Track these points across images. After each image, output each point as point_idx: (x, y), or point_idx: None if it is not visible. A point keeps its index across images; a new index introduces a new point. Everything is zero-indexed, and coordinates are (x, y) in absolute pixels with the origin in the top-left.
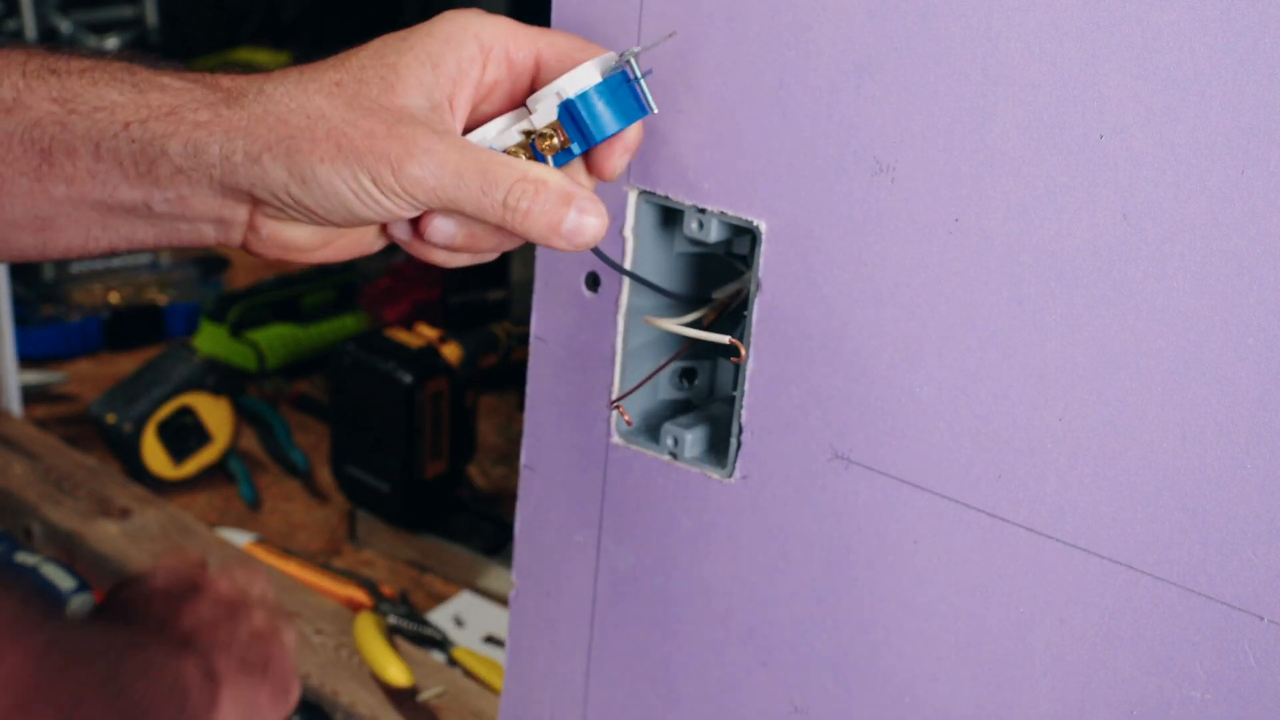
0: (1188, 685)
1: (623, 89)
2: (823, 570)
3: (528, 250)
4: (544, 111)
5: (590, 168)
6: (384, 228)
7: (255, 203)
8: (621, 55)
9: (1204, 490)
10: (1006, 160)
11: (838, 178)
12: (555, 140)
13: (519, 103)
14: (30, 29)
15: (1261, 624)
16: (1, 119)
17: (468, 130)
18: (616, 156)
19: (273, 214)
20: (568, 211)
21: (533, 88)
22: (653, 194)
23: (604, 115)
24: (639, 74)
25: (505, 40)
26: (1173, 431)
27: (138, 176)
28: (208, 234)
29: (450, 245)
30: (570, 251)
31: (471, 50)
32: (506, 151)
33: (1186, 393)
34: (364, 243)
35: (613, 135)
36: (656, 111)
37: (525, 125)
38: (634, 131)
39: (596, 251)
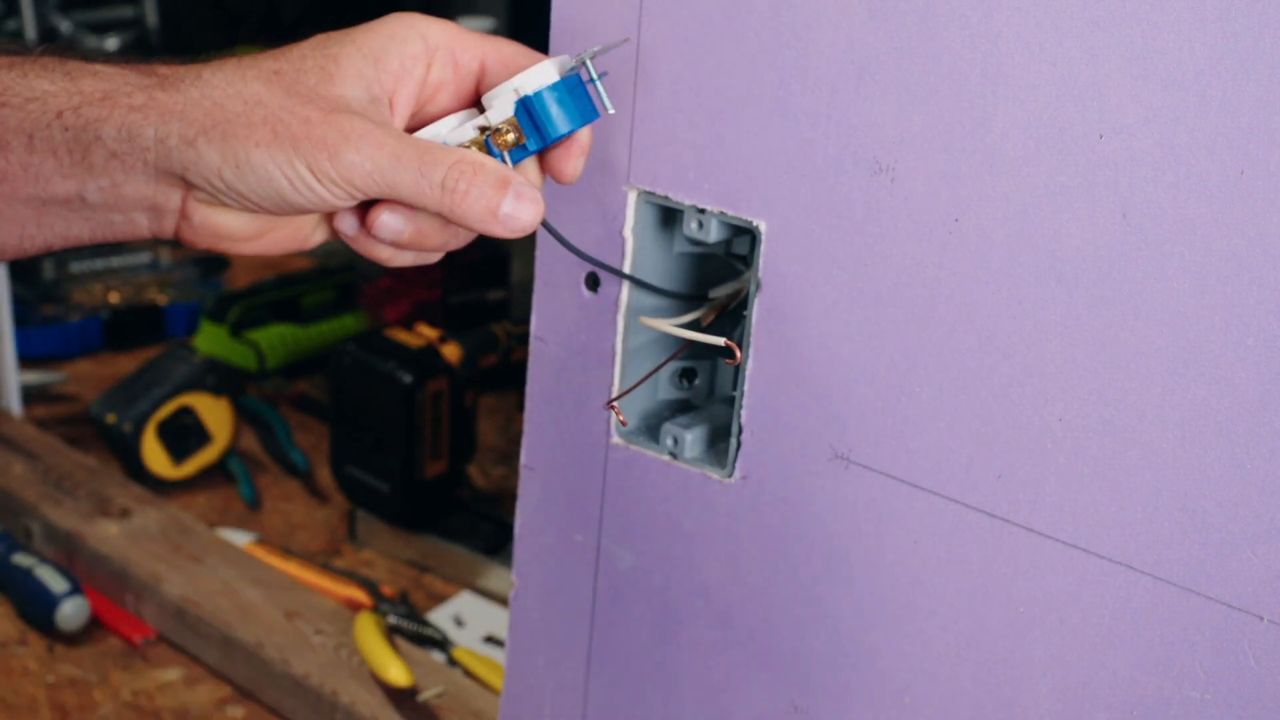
0: (1188, 685)
1: (579, 89)
2: (823, 570)
3: (528, 250)
4: (500, 108)
5: (547, 170)
6: (329, 221)
7: (189, 188)
8: (577, 57)
9: (1204, 490)
10: (1006, 160)
11: (838, 178)
12: (510, 136)
13: (465, 104)
14: (30, 29)
15: (1261, 624)
16: None
17: (415, 129)
18: (574, 158)
19: (205, 199)
20: (505, 196)
21: (478, 92)
22: (653, 194)
23: (560, 114)
24: (595, 75)
25: (451, 42)
26: (1173, 431)
27: (71, 165)
28: (141, 224)
29: (398, 241)
30: (507, 237)
31: (416, 49)
32: (461, 145)
33: (1186, 393)
34: (300, 235)
35: (568, 135)
36: (613, 113)
37: (480, 121)
38: (587, 134)
39: (549, 228)
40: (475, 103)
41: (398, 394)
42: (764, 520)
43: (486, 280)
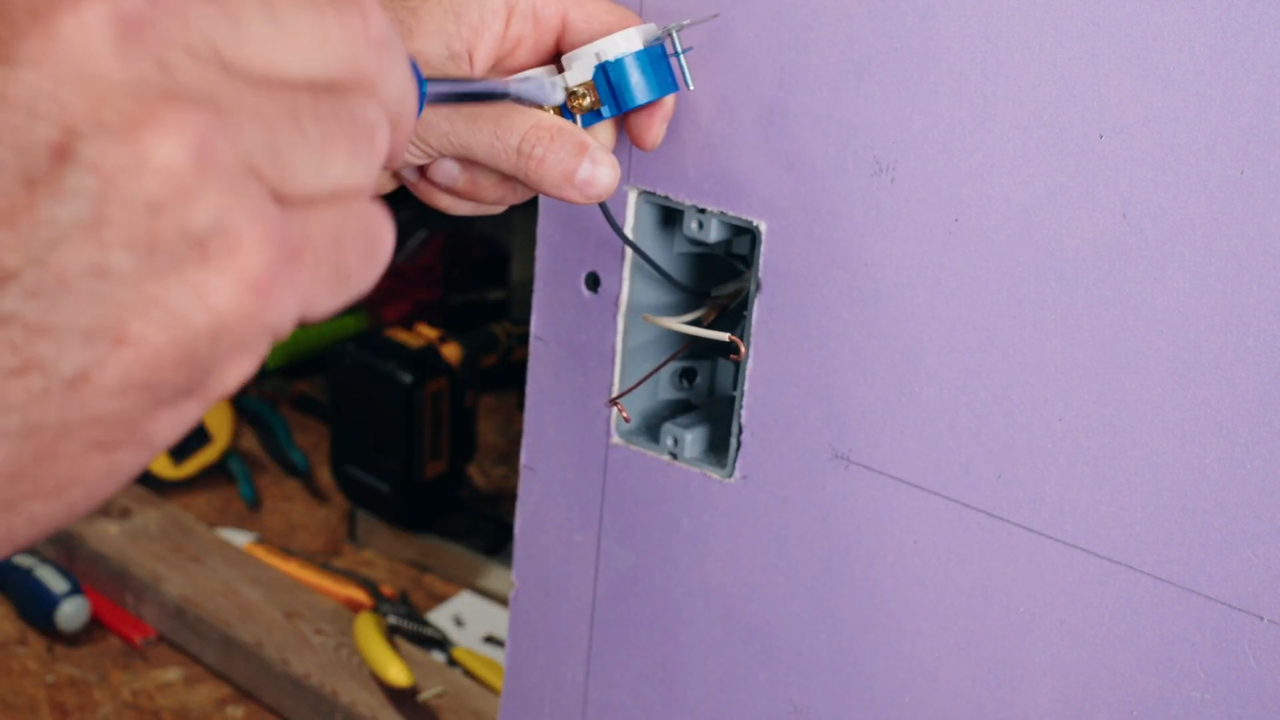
0: (1188, 685)
1: (662, 61)
2: (823, 570)
3: (528, 250)
4: (579, 70)
5: (629, 134)
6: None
7: None
8: (664, 28)
9: (1204, 490)
10: (1006, 160)
11: (838, 178)
12: (587, 100)
13: (544, 60)
14: None
15: (1261, 624)
16: None
17: None
18: (656, 125)
19: None
20: (582, 161)
21: (558, 47)
22: (653, 194)
23: (639, 83)
24: (680, 49)
25: None
26: (1173, 431)
27: None
28: None
29: (453, 188)
30: (583, 203)
31: (496, 2)
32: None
33: (1186, 393)
34: (376, 184)
35: (643, 105)
36: (693, 89)
37: (557, 81)
38: (671, 101)
39: (604, 210)
40: (555, 59)
41: (398, 394)
42: (764, 520)
43: (486, 280)
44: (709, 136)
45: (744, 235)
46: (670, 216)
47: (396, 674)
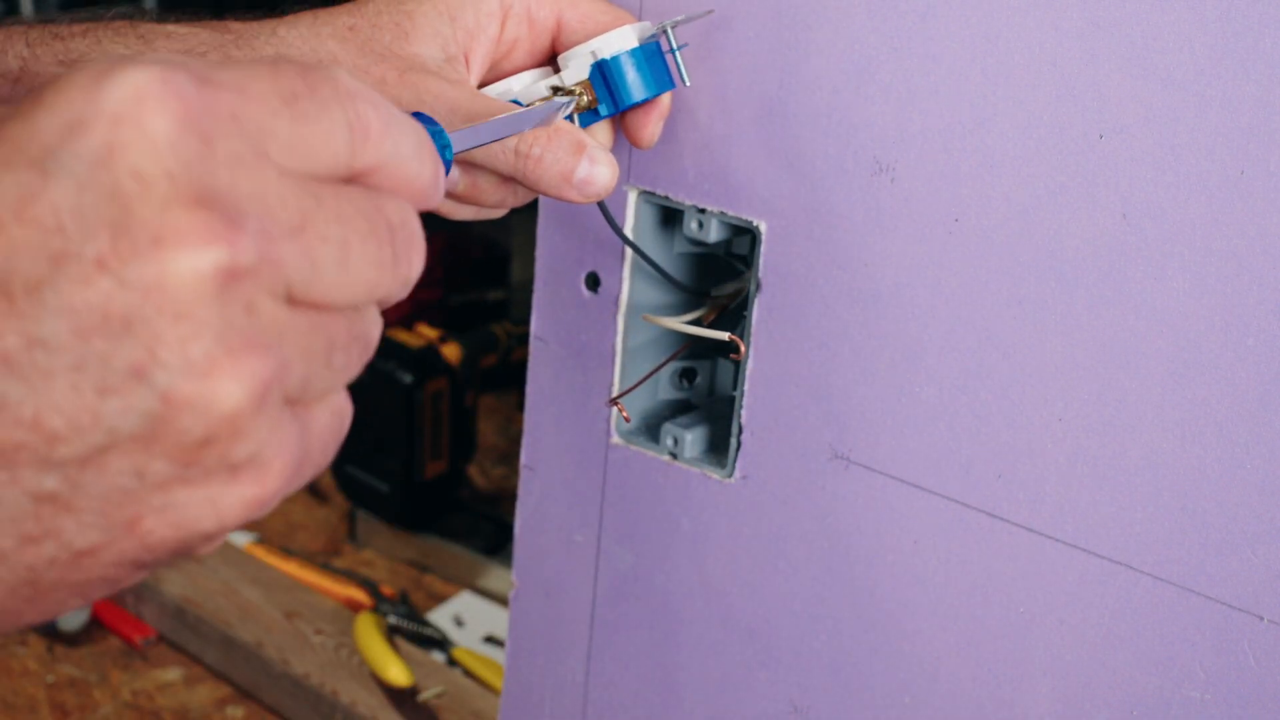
0: (1188, 685)
1: (658, 58)
2: (823, 570)
3: (528, 250)
4: (575, 69)
5: (625, 133)
6: None
7: None
8: (659, 25)
9: (1204, 490)
10: (1006, 160)
11: (838, 178)
12: (584, 99)
13: (540, 62)
14: None
15: (1261, 624)
16: (10, 89)
17: (488, 84)
18: (653, 123)
19: None
20: (580, 160)
21: (554, 48)
22: (653, 194)
23: (635, 81)
24: (675, 45)
25: None
26: (1173, 431)
27: None
28: None
29: (453, 193)
30: (582, 203)
31: (491, 5)
32: (531, 105)
33: (1186, 393)
34: None
35: (640, 103)
36: (689, 85)
37: (554, 81)
38: (667, 99)
39: (604, 210)
40: (551, 60)
41: (398, 394)
42: (764, 520)
43: (486, 280)
44: (709, 136)
45: (744, 235)
46: (670, 216)
47: (396, 674)
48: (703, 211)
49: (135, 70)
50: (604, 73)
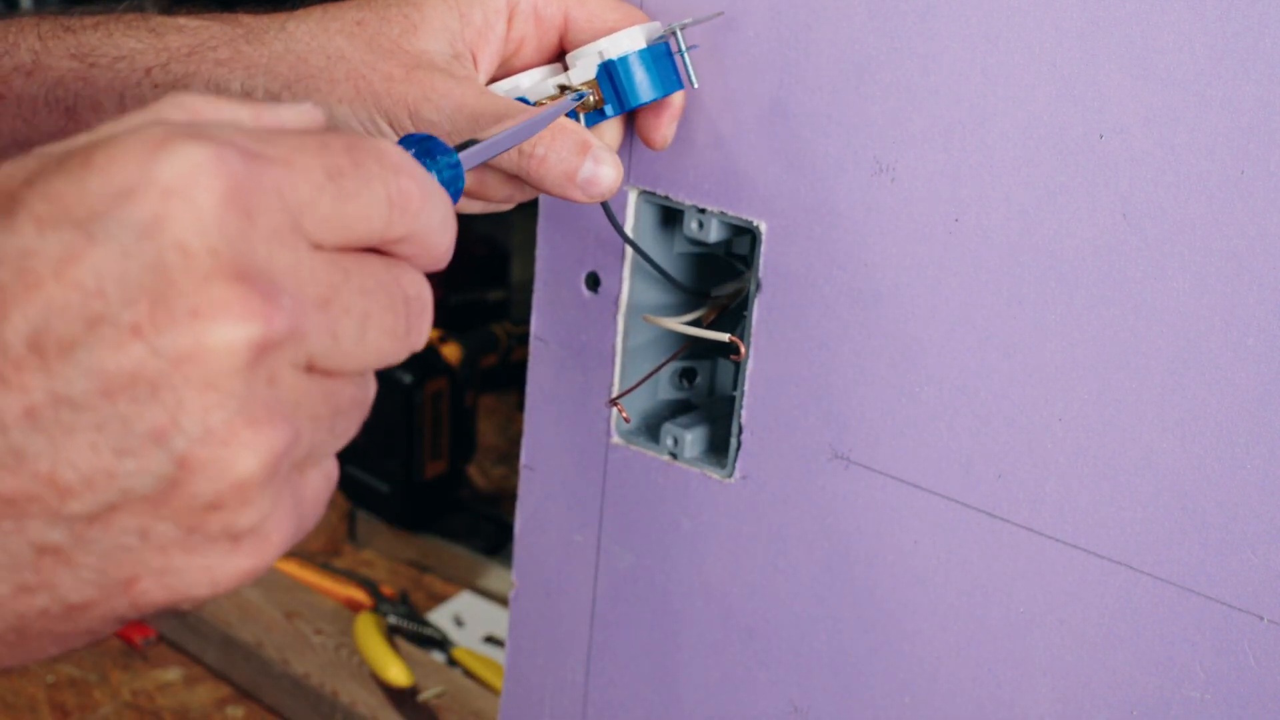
0: (1188, 685)
1: (666, 59)
2: (823, 570)
3: (528, 250)
4: (583, 69)
5: (638, 134)
6: None
7: None
8: (668, 26)
9: (1204, 490)
10: (1006, 160)
11: (838, 178)
12: (590, 99)
13: (547, 59)
14: None
15: (1261, 624)
16: (23, 82)
17: (497, 81)
18: (664, 125)
19: None
20: (584, 160)
21: (561, 46)
22: (653, 194)
23: (642, 82)
24: (684, 47)
25: None
26: (1173, 431)
27: None
28: None
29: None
30: (586, 202)
31: (498, 3)
32: (538, 103)
33: (1186, 393)
34: None
35: (647, 103)
36: (697, 87)
37: (561, 80)
38: (680, 99)
39: (606, 210)
40: (559, 57)
41: (398, 394)
42: (764, 520)
43: (486, 280)
44: (709, 136)
45: (744, 235)
46: (670, 216)
47: (396, 674)
48: (703, 211)
49: (191, 146)
50: (610, 73)
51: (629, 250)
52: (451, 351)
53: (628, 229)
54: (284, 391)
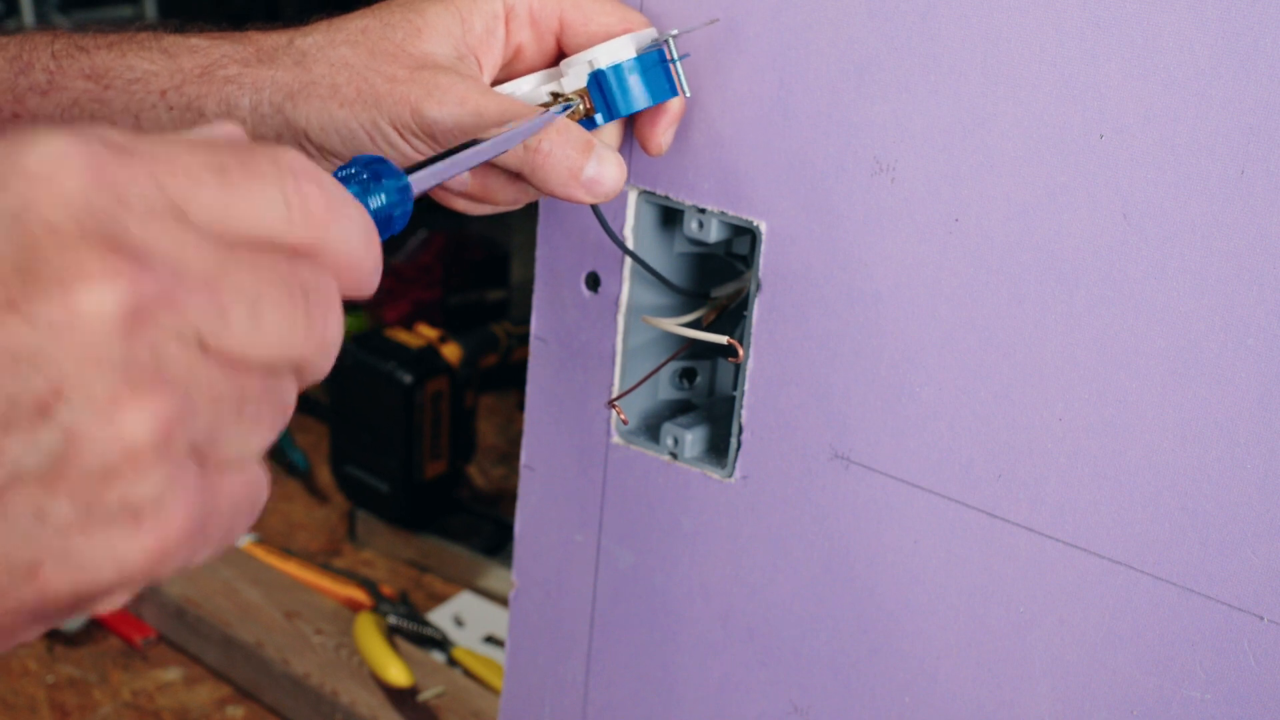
0: (1188, 685)
1: (656, 68)
2: (823, 570)
3: (528, 250)
4: (574, 77)
5: (637, 138)
6: None
7: None
8: (661, 34)
9: (1204, 490)
10: (1006, 160)
11: (838, 178)
12: (580, 106)
13: (550, 61)
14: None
15: (1261, 624)
16: (39, 101)
17: (500, 84)
18: (661, 131)
19: None
20: (589, 158)
21: (558, 48)
22: (653, 194)
23: (632, 91)
24: (675, 56)
25: (529, 1)
26: (1173, 431)
27: None
28: None
29: (465, 192)
30: (590, 203)
31: (495, 7)
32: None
33: (1186, 393)
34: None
35: (638, 111)
36: (689, 96)
37: (554, 86)
38: (678, 104)
39: (599, 216)
40: (559, 59)
41: (398, 394)
42: (764, 520)
43: (486, 280)
44: (709, 136)
45: (744, 235)
46: (670, 216)
47: (396, 674)
48: (703, 211)
49: (57, 137)
50: (600, 82)
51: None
52: (451, 351)
53: (627, 229)
54: (171, 363)
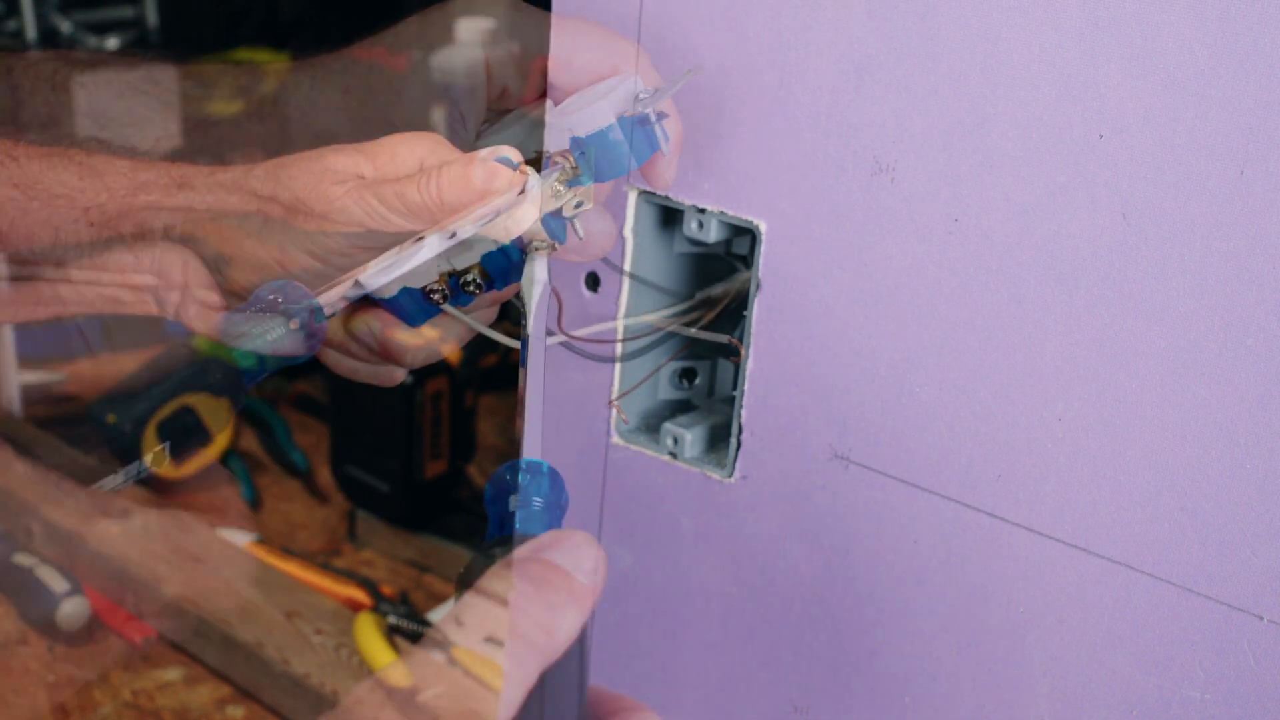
0: (1188, 685)
1: (637, 130)
2: (823, 570)
3: None
4: (556, 140)
5: (646, 179)
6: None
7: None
8: (638, 98)
9: (1204, 490)
10: (1006, 160)
11: (837, 178)
12: (567, 166)
13: (533, 98)
14: (30, 29)
15: (1261, 624)
16: None
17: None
18: (660, 174)
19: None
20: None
21: (547, 85)
22: (653, 194)
23: (614, 156)
24: (654, 118)
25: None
26: (1172, 431)
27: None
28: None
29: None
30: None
31: (476, 54)
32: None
33: (1186, 393)
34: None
35: (622, 175)
36: (667, 154)
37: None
38: (678, 139)
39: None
40: (546, 91)
41: (398, 394)
42: (764, 520)
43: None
44: (709, 136)
45: (744, 235)
46: (670, 216)
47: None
48: (703, 211)
49: None
50: (582, 150)
51: (629, 251)
52: (451, 351)
53: (627, 229)
54: None
